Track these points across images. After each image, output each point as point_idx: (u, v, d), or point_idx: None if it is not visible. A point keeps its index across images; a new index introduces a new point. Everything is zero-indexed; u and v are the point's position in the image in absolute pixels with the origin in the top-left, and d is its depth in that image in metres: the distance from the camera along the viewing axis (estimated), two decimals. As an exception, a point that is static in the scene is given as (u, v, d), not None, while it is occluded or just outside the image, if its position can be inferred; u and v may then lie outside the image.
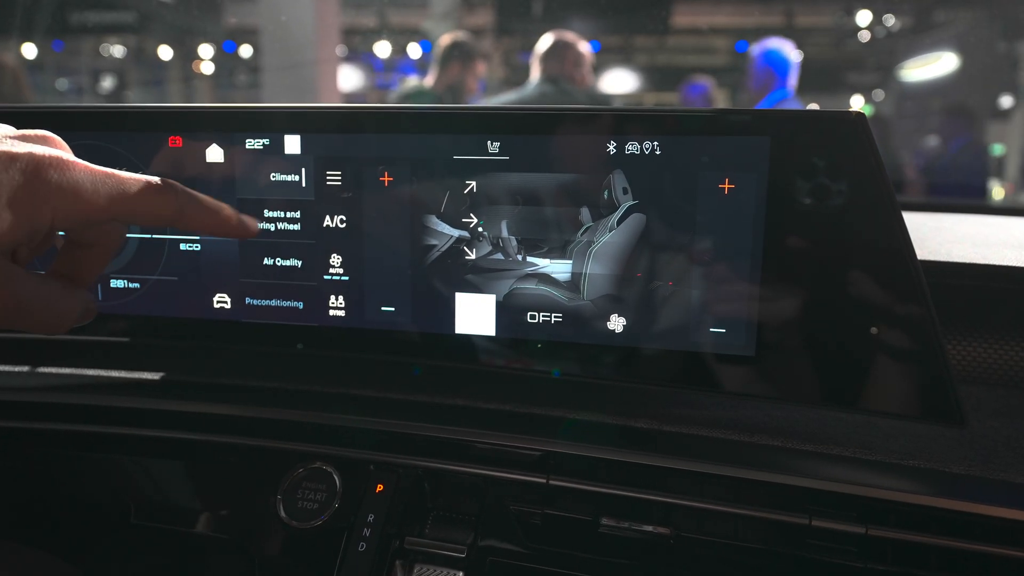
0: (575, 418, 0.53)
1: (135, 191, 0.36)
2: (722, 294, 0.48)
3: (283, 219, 0.53)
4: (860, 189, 0.44)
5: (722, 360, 0.48)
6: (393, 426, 0.52)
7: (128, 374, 0.61)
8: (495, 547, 0.49)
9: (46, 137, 0.37)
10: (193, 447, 0.55)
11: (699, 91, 3.11)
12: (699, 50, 8.89)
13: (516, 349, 0.52)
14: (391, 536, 0.48)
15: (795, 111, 0.46)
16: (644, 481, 0.48)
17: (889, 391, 0.46)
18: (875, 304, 0.45)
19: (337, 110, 0.52)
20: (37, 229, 0.34)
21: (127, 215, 0.36)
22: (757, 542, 0.46)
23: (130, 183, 0.36)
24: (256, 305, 0.55)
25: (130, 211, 0.36)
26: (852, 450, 0.49)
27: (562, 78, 2.11)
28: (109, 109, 0.55)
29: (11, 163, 0.33)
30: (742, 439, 0.50)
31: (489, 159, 0.50)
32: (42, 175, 0.33)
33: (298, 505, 0.50)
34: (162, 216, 0.37)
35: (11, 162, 0.33)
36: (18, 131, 0.36)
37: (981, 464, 0.47)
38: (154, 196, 0.37)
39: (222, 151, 0.53)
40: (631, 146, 0.47)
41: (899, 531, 0.44)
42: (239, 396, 0.57)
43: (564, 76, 2.12)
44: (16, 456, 0.58)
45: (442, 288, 0.52)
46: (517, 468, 0.50)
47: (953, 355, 0.59)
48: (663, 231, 0.48)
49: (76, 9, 4.52)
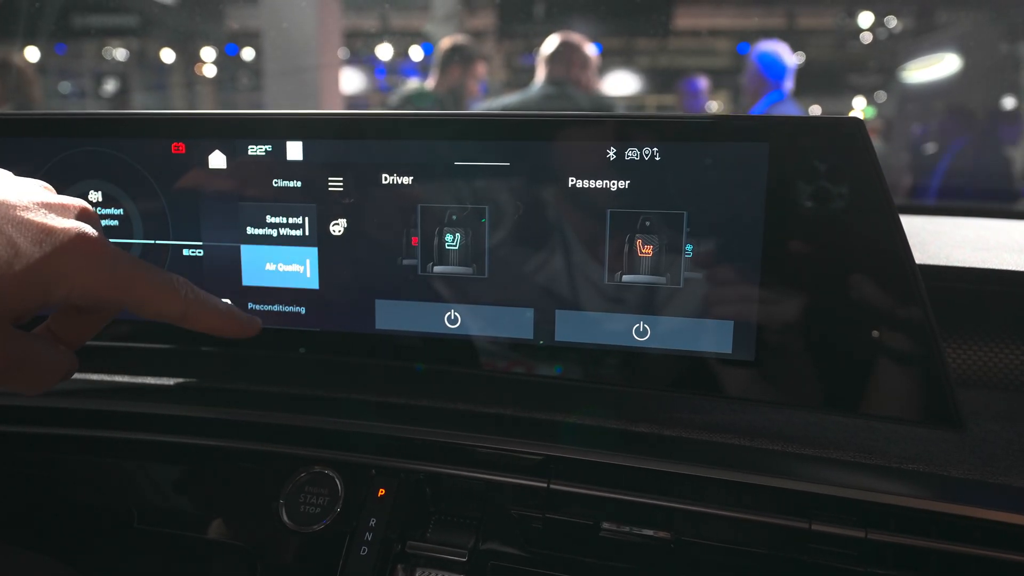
0: (576, 422, 0.53)
1: (147, 286, 0.37)
2: (722, 298, 0.48)
3: (285, 225, 0.54)
4: (858, 194, 0.44)
5: (722, 364, 0.49)
6: (395, 430, 0.52)
7: (131, 379, 0.61)
8: (496, 551, 0.49)
9: (83, 210, 0.37)
10: (196, 451, 0.55)
11: (696, 86, 3.21)
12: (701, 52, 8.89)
13: (518, 351, 0.52)
14: (393, 540, 0.49)
15: (794, 117, 0.46)
16: (645, 485, 0.48)
17: (888, 395, 0.46)
18: (874, 308, 0.45)
19: (339, 116, 0.52)
20: (50, 303, 0.34)
21: (134, 307, 0.37)
22: (757, 546, 0.47)
23: (145, 278, 0.37)
24: (259, 310, 0.55)
25: (138, 303, 0.37)
26: (852, 454, 0.49)
27: (567, 81, 2.11)
28: (112, 116, 0.55)
29: (46, 238, 0.34)
30: (742, 443, 0.51)
31: (490, 165, 0.50)
32: (70, 255, 0.34)
33: (300, 509, 0.50)
34: (166, 315, 0.38)
35: (47, 237, 0.34)
36: (57, 198, 0.36)
37: (981, 468, 0.47)
38: (163, 296, 0.37)
39: (225, 157, 0.53)
40: (631, 152, 0.48)
41: (899, 535, 0.44)
42: (241, 401, 0.57)
43: (570, 79, 2.12)
44: (19, 460, 0.58)
45: (443, 291, 0.52)
46: (518, 472, 0.50)
47: (952, 359, 0.59)
48: (663, 236, 0.48)
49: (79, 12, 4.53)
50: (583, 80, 2.15)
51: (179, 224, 0.55)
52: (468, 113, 0.51)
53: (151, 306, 0.37)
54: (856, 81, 8.62)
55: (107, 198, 0.55)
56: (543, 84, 2.13)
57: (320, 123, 0.52)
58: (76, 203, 0.37)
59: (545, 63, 2.14)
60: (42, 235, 0.34)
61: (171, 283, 0.38)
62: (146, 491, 0.56)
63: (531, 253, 0.50)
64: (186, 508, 0.55)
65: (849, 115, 0.45)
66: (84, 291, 0.35)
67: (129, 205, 0.55)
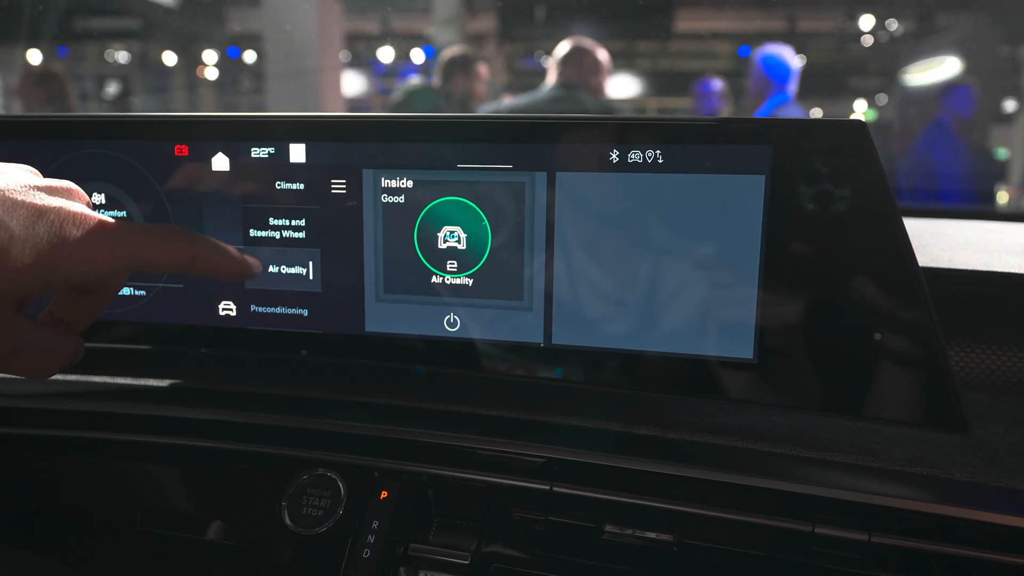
0: (577, 425, 0.53)
1: (149, 243, 0.36)
2: (724, 300, 0.48)
3: (288, 227, 0.54)
4: (861, 196, 0.44)
5: (724, 367, 0.49)
6: (397, 433, 0.52)
7: (134, 381, 0.61)
8: (499, 553, 0.49)
9: (70, 190, 0.37)
10: (198, 453, 0.55)
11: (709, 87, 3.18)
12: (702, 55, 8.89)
13: (518, 354, 0.52)
14: (395, 542, 0.49)
15: (797, 120, 0.46)
16: (647, 488, 0.48)
17: (891, 398, 0.46)
18: (876, 311, 0.45)
19: (341, 119, 0.52)
20: (51, 283, 0.34)
21: (141, 265, 0.36)
22: (760, 549, 0.46)
23: (144, 235, 0.36)
24: (261, 312, 0.55)
25: (144, 261, 0.36)
26: (855, 457, 0.49)
27: (578, 84, 2.13)
28: (116, 118, 0.55)
29: (38, 218, 0.33)
30: (745, 446, 0.50)
31: (492, 168, 0.50)
32: (65, 232, 0.34)
33: (303, 512, 0.50)
34: (176, 265, 0.38)
35: (38, 217, 0.33)
36: (44, 180, 0.36)
37: (984, 471, 0.47)
38: (168, 246, 0.37)
39: (228, 159, 0.53)
40: (634, 154, 0.48)
41: (902, 538, 0.44)
42: (244, 403, 0.57)
43: (581, 82, 2.14)
44: (22, 463, 0.59)
45: (444, 294, 0.52)
46: (520, 475, 0.50)
47: (956, 361, 0.59)
48: (665, 238, 0.48)
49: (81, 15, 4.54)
50: (593, 84, 2.16)
51: (182, 226, 0.55)
52: (470, 116, 0.51)
53: (158, 261, 0.37)
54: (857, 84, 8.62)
55: (110, 200, 0.55)
56: (553, 87, 2.14)
57: (323, 125, 0.52)
58: (63, 184, 0.37)
59: (557, 66, 2.15)
60: (34, 216, 0.33)
61: (172, 234, 0.37)
62: (148, 493, 0.56)
63: (532, 256, 0.50)
64: (188, 510, 0.55)
65: (852, 119, 0.45)
66: (85, 267, 0.34)
67: (132, 207, 0.55)
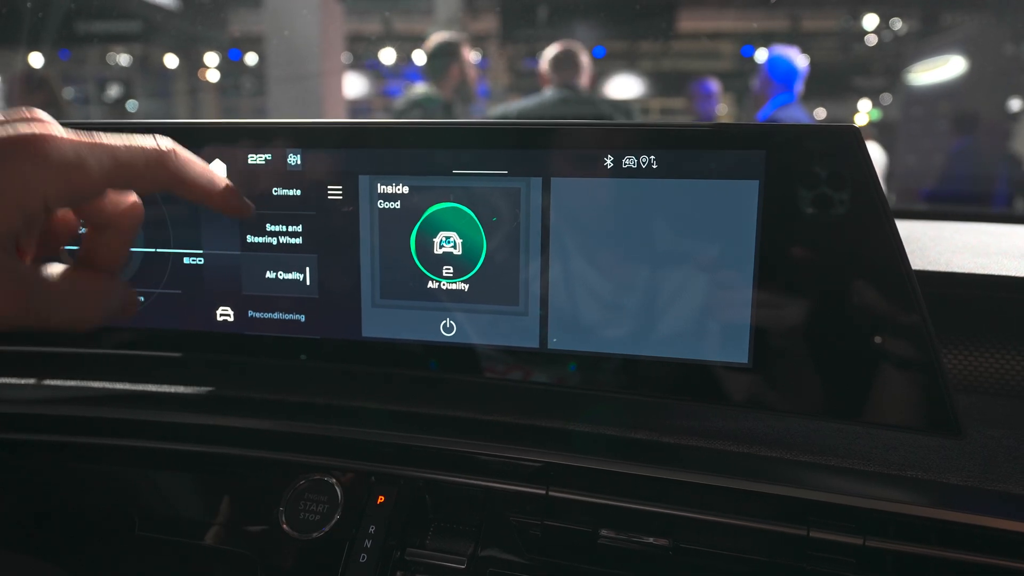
0: (574, 429, 0.53)
1: (127, 158, 0.34)
2: (719, 305, 0.48)
3: (285, 233, 0.54)
4: (854, 201, 0.45)
5: (720, 371, 0.49)
6: (394, 438, 0.53)
7: (131, 386, 0.62)
8: (495, 558, 0.49)
9: (34, 116, 0.34)
10: (196, 459, 0.55)
11: (707, 88, 3.18)
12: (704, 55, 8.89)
13: (514, 358, 0.52)
14: (392, 547, 0.49)
15: (791, 125, 0.46)
16: (643, 492, 0.48)
17: (886, 402, 0.46)
18: (870, 315, 0.45)
19: (338, 125, 0.52)
20: (31, 215, 0.32)
21: (122, 183, 0.35)
22: (756, 553, 0.47)
23: (121, 150, 0.34)
24: (259, 318, 0.56)
25: (124, 179, 0.35)
26: (850, 461, 0.49)
27: (577, 85, 2.15)
28: (113, 124, 0.55)
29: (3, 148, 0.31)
30: (740, 450, 0.51)
31: (488, 173, 0.50)
32: (25, 157, 0.32)
33: (300, 516, 0.50)
34: (158, 181, 0.36)
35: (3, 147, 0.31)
36: (5, 112, 0.34)
37: (980, 475, 0.47)
38: (148, 160, 0.35)
39: (224, 166, 0.53)
40: (628, 160, 0.48)
41: (898, 542, 0.44)
42: (242, 408, 0.57)
43: (579, 83, 2.16)
44: (20, 468, 0.59)
45: (441, 299, 0.52)
46: (517, 480, 0.50)
47: (953, 365, 0.59)
48: (662, 243, 0.48)
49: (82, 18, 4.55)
50: (587, 84, 2.19)
51: (179, 232, 0.55)
52: (466, 122, 0.52)
53: (139, 176, 0.35)
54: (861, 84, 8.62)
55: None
56: (557, 89, 2.15)
57: (320, 132, 0.52)
58: (26, 111, 0.34)
59: (552, 69, 2.16)
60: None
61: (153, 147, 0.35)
62: (147, 498, 0.56)
63: (528, 261, 0.50)
64: (187, 515, 0.55)
65: (845, 123, 0.45)
66: (60, 190, 0.32)
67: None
